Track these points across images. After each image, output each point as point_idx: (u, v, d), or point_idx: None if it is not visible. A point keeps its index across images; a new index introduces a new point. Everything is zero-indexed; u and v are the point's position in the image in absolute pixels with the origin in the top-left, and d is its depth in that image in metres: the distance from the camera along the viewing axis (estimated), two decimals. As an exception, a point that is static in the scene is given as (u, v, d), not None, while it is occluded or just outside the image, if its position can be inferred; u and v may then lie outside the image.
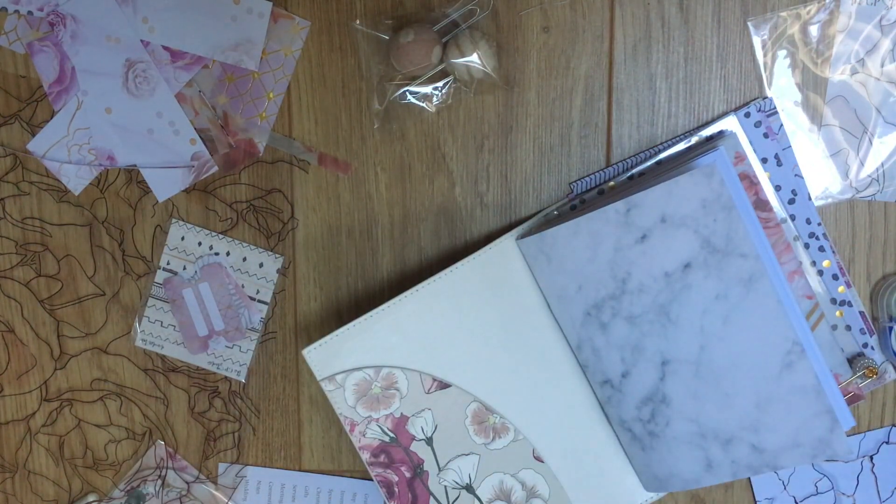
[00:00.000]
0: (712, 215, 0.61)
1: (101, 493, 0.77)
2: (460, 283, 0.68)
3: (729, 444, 0.65)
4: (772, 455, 0.64)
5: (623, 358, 0.67)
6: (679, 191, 0.61)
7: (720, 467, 0.66)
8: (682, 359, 0.64)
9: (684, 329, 0.64)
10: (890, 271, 0.71)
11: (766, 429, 0.64)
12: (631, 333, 0.66)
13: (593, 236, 0.65)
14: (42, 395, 0.76)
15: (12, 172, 0.74)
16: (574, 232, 0.65)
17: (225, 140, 0.72)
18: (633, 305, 0.65)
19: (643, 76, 0.70)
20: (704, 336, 0.63)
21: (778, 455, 0.64)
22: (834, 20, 0.68)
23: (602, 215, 0.64)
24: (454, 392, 0.69)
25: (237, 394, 0.75)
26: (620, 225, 0.63)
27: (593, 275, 0.65)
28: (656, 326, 0.65)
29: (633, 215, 0.63)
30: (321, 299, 0.74)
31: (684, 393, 0.65)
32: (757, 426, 0.64)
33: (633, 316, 0.65)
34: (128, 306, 0.75)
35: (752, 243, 0.60)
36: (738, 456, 0.65)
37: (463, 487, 0.70)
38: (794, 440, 0.64)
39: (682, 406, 0.65)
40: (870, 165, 0.69)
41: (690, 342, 0.64)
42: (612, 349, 0.67)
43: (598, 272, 0.65)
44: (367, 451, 0.70)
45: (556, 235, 0.66)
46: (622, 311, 0.65)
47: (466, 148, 0.71)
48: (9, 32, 0.71)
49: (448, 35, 0.69)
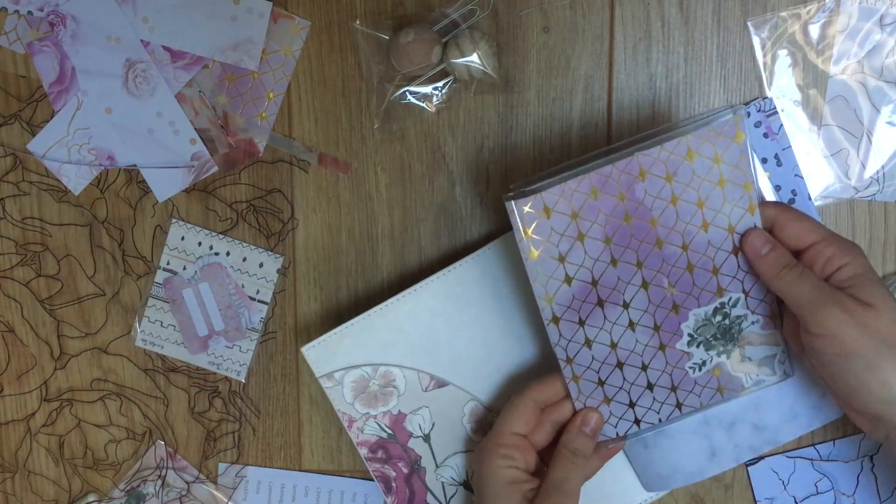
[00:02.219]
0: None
1: (101, 493, 0.77)
2: (459, 282, 0.68)
3: (732, 427, 0.66)
4: (772, 432, 0.66)
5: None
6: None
7: (723, 453, 0.67)
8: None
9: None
10: (890, 271, 0.71)
11: (766, 405, 0.66)
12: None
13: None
14: (42, 395, 0.76)
15: (12, 172, 0.74)
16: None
17: (225, 140, 0.72)
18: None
19: (643, 76, 0.70)
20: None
21: (778, 430, 0.66)
22: (834, 20, 0.68)
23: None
24: (452, 391, 0.69)
25: (237, 394, 0.75)
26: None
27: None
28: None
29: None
30: (321, 299, 0.74)
31: None
32: (758, 403, 0.66)
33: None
34: (128, 306, 0.75)
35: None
36: (740, 439, 0.66)
37: (460, 484, 0.70)
38: (792, 411, 0.66)
39: None
40: (870, 165, 0.69)
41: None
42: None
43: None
44: (365, 447, 0.70)
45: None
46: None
47: (466, 148, 0.71)
48: (9, 32, 0.71)
49: (448, 35, 0.69)
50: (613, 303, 0.61)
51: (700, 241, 0.60)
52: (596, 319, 0.62)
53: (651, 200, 0.59)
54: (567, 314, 0.61)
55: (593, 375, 0.63)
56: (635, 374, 0.63)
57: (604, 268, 0.60)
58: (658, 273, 0.61)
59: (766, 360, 0.63)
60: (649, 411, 0.64)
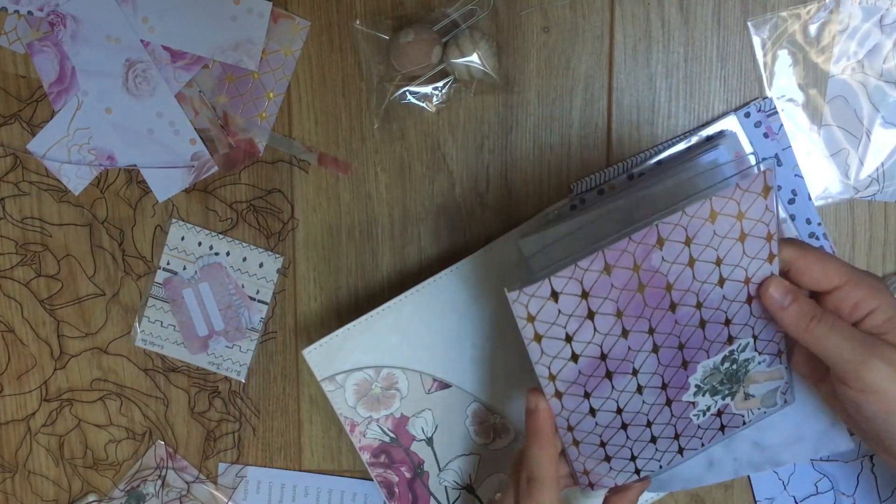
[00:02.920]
0: None
1: (101, 493, 0.77)
2: (461, 282, 0.68)
3: (731, 442, 0.65)
4: (774, 452, 0.65)
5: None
6: (681, 189, 0.61)
7: (721, 465, 0.66)
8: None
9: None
10: (890, 271, 0.71)
11: (767, 425, 0.64)
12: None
13: (594, 236, 0.64)
14: (42, 395, 0.76)
15: (12, 172, 0.74)
16: (574, 232, 0.65)
17: (225, 140, 0.72)
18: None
19: (643, 76, 0.70)
20: None
21: (780, 451, 0.64)
22: (834, 20, 0.68)
23: (603, 215, 0.64)
24: (454, 392, 0.69)
25: (237, 394, 0.75)
26: (621, 224, 0.63)
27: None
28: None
29: (634, 215, 0.63)
30: (321, 299, 0.74)
31: None
32: (759, 423, 0.64)
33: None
34: (128, 306, 0.75)
35: None
36: (740, 453, 0.65)
37: (463, 488, 0.70)
38: (797, 434, 0.64)
39: None
40: (870, 165, 0.69)
41: None
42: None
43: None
44: (368, 452, 0.70)
45: (557, 235, 0.66)
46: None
47: (466, 148, 0.71)
48: (9, 32, 0.71)
49: (448, 35, 0.69)
50: (622, 372, 0.56)
51: (714, 297, 0.55)
52: (603, 391, 0.57)
53: (668, 267, 0.54)
54: (572, 389, 0.56)
55: (595, 439, 0.59)
56: (639, 431, 0.60)
57: (614, 340, 0.55)
58: (670, 335, 0.56)
59: (768, 395, 0.61)
60: (650, 461, 0.62)
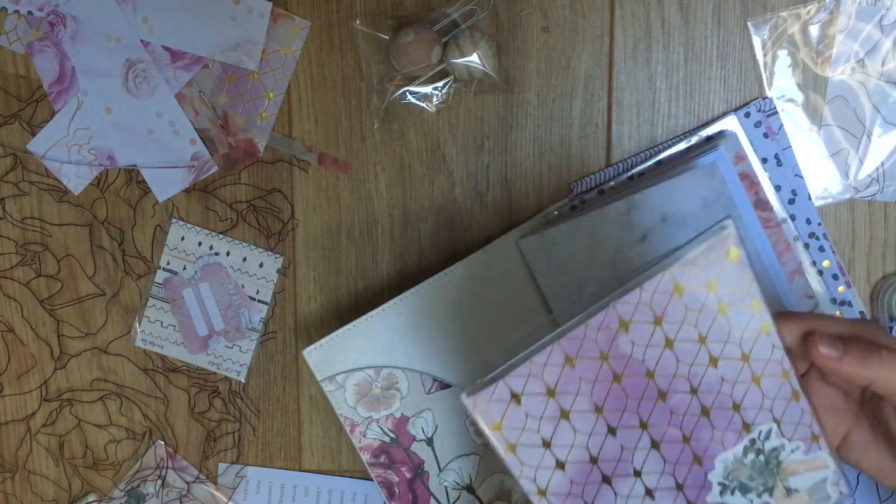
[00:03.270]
0: (713, 215, 0.61)
1: (101, 493, 0.77)
2: (461, 282, 0.68)
3: None
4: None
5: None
6: (680, 190, 0.61)
7: None
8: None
9: None
10: (890, 271, 0.71)
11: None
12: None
13: (594, 236, 0.65)
14: (42, 395, 0.76)
15: (12, 172, 0.74)
16: (574, 232, 0.65)
17: (225, 140, 0.72)
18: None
19: (643, 76, 0.70)
20: None
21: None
22: (834, 20, 0.68)
23: (603, 215, 0.64)
24: (455, 392, 0.69)
25: (237, 394, 0.75)
26: (621, 225, 0.63)
27: (594, 274, 0.65)
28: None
29: (633, 215, 0.63)
30: (321, 299, 0.74)
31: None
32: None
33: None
34: (128, 306, 0.75)
35: (752, 242, 0.60)
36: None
37: (463, 488, 0.70)
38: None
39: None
40: (870, 165, 0.69)
41: None
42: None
43: (598, 272, 0.65)
44: (368, 452, 0.70)
45: (557, 235, 0.66)
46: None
47: (466, 148, 0.71)
48: (9, 32, 0.71)
49: (448, 35, 0.69)
50: (622, 475, 0.51)
51: (710, 379, 0.52)
52: (606, 498, 0.51)
53: (641, 351, 0.50)
54: (569, 502, 0.51)
55: None
56: None
57: (601, 440, 0.51)
58: (668, 427, 0.52)
59: (816, 487, 0.55)
60: None
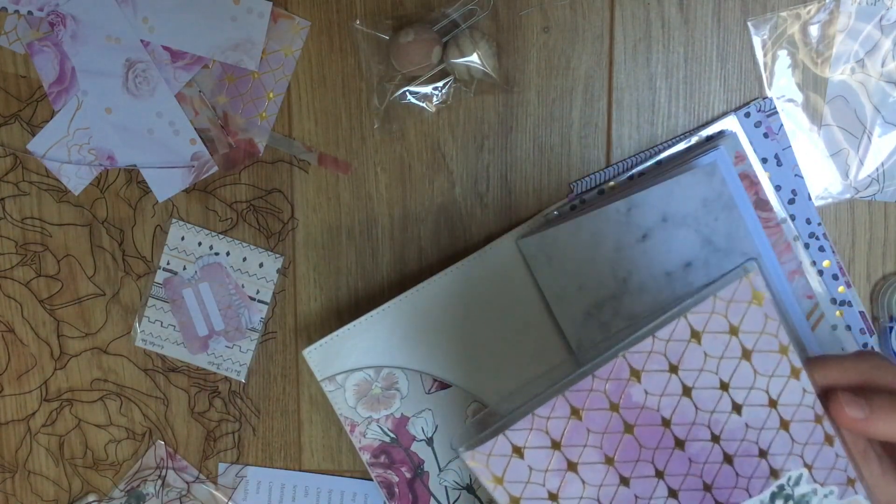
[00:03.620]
0: (713, 214, 0.61)
1: (101, 493, 0.77)
2: (460, 282, 0.68)
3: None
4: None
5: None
6: (680, 190, 0.61)
7: None
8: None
9: None
10: (890, 271, 0.71)
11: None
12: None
13: (594, 236, 0.65)
14: (42, 395, 0.76)
15: (12, 172, 0.74)
16: (574, 232, 0.65)
17: (225, 140, 0.72)
18: (633, 305, 0.65)
19: (643, 76, 0.70)
20: None
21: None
22: (834, 20, 0.68)
23: (602, 215, 0.64)
24: (454, 392, 0.69)
25: (237, 394, 0.75)
26: (621, 224, 0.63)
27: (594, 274, 0.66)
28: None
29: (633, 215, 0.63)
30: (321, 299, 0.74)
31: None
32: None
33: (634, 316, 0.65)
34: (128, 306, 0.75)
35: (753, 242, 0.60)
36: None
37: (463, 488, 0.70)
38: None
39: None
40: (870, 165, 0.69)
41: None
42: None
43: (598, 272, 0.65)
44: (368, 452, 0.70)
45: (557, 235, 0.66)
46: (623, 311, 0.65)
47: (466, 148, 0.71)
48: (9, 32, 0.71)
49: (448, 35, 0.69)
50: None
51: (734, 426, 0.48)
52: None
53: (655, 400, 0.47)
54: None
55: None
56: None
57: (613, 491, 0.48)
58: (687, 476, 0.48)
59: None
60: None
